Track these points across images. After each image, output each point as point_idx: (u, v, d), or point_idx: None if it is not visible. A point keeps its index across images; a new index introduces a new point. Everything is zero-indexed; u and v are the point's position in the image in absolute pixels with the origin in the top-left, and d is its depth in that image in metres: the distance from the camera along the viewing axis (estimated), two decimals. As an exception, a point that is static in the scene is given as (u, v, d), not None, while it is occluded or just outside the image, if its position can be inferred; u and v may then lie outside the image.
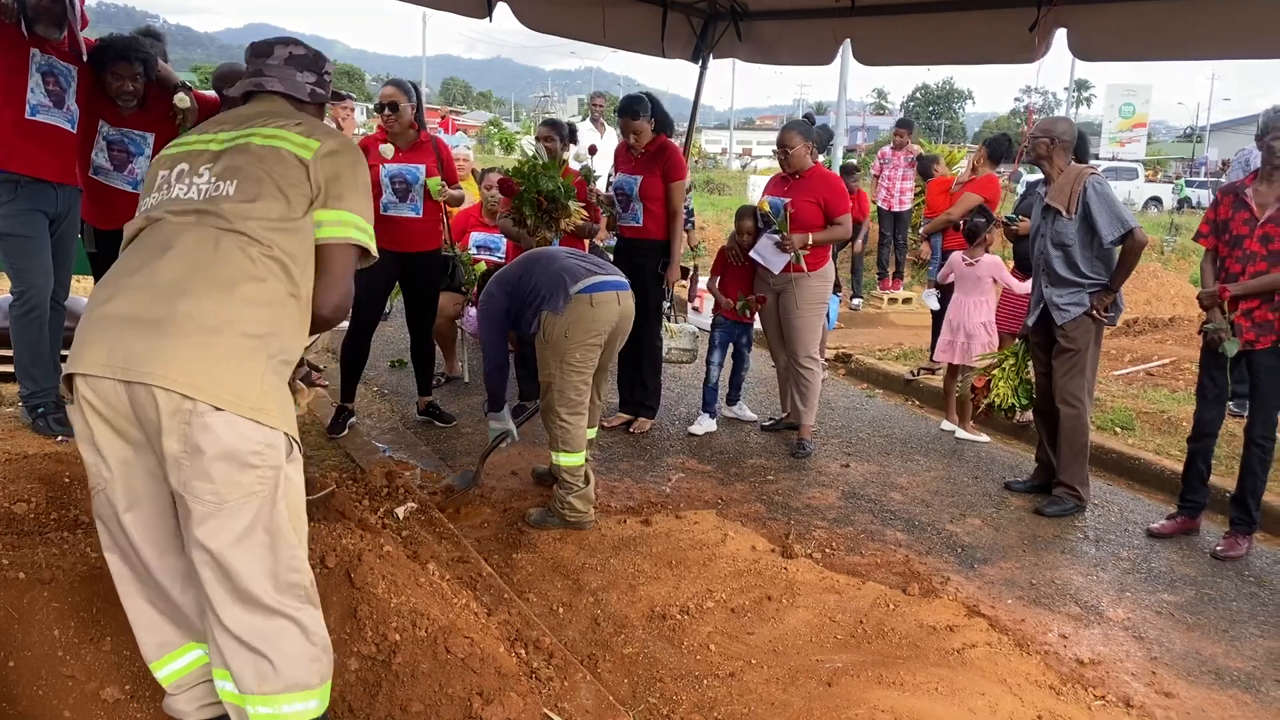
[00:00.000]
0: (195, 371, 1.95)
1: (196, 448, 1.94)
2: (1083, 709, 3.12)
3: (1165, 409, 6.34)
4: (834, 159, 16.09)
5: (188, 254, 2.09)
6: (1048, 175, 4.80)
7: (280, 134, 2.28)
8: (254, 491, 2.00)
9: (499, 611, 3.45)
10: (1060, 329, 4.77)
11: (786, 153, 5.46)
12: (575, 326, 4.07)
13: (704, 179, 26.54)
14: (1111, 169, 32.36)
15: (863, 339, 8.90)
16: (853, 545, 4.36)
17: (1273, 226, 4.26)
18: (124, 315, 2.02)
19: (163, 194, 2.25)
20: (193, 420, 1.93)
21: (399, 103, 5.12)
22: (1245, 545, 4.51)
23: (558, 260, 4.27)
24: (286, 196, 2.20)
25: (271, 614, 2.06)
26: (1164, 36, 4.17)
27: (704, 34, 5.92)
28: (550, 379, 4.16)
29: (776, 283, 5.56)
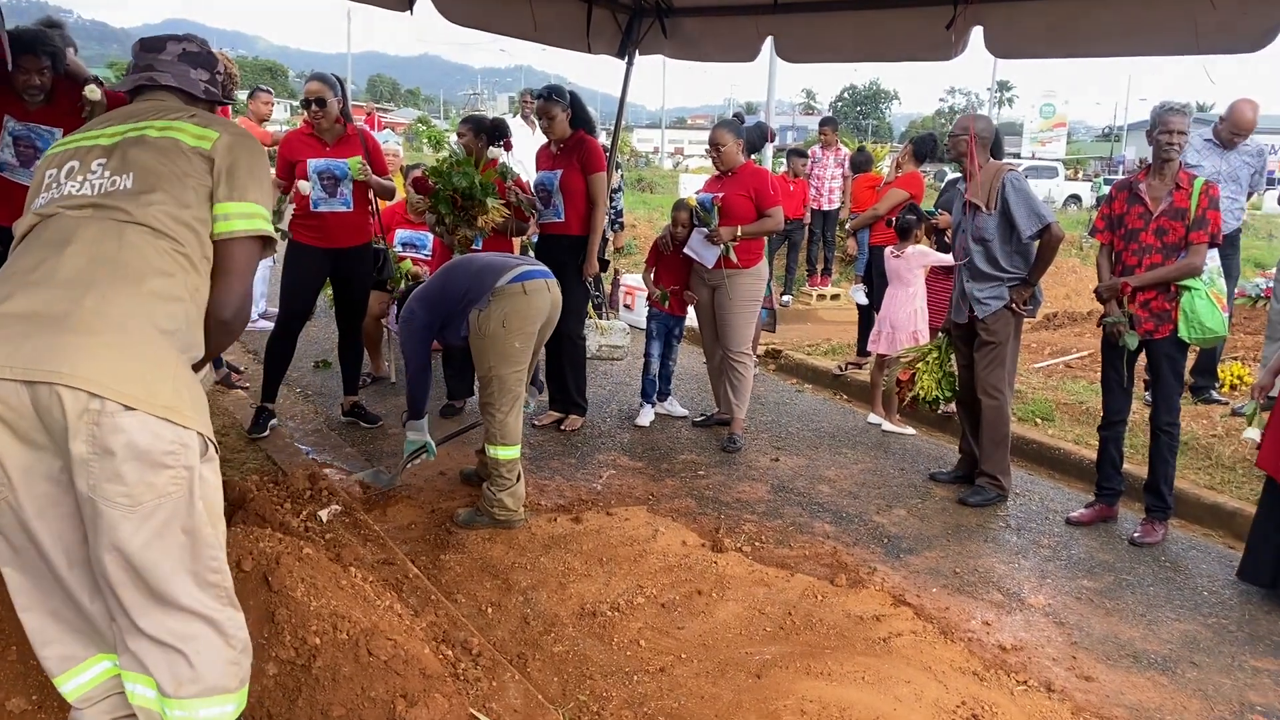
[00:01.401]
0: (104, 369, 1.86)
1: (106, 449, 1.85)
2: (1005, 694, 3.18)
3: (1083, 400, 6.50)
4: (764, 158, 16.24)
5: (89, 247, 2.00)
6: (967, 172, 4.89)
7: (175, 125, 2.18)
8: (168, 492, 1.92)
9: (426, 613, 3.40)
10: (981, 322, 4.87)
11: (719, 151, 5.50)
12: (513, 316, 4.05)
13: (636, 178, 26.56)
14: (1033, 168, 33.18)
15: (792, 335, 8.98)
16: (782, 538, 4.40)
17: (1166, 220, 4.40)
18: (23, 313, 1.91)
19: (53, 193, 2.13)
20: (102, 420, 1.84)
21: (325, 98, 5.07)
22: (1161, 531, 4.65)
23: (474, 262, 4.27)
24: (187, 189, 2.11)
25: (191, 616, 1.99)
26: (1077, 34, 4.27)
27: (629, 30, 5.91)
28: (490, 373, 4.12)
29: (711, 278, 5.59)
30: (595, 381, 6.73)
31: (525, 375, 4.20)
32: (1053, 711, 3.10)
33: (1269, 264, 12.47)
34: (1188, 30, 3.94)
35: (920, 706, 3.02)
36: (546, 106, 5.46)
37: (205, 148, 2.15)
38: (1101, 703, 3.20)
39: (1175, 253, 4.38)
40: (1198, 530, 4.86)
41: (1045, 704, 3.14)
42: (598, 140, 5.69)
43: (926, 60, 4.81)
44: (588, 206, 5.47)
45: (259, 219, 2.20)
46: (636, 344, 6.17)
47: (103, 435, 1.84)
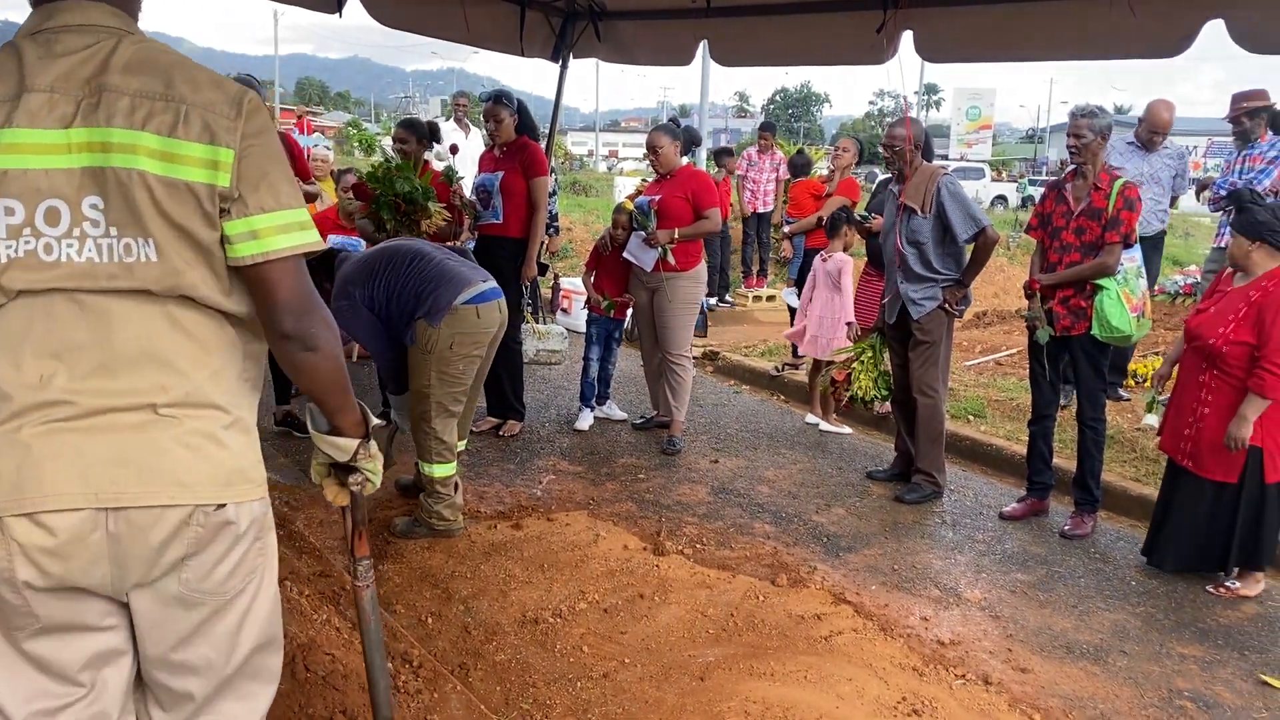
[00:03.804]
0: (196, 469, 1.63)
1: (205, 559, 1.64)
2: (944, 688, 3.23)
3: (1014, 396, 6.64)
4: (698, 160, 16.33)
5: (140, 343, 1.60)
6: (902, 175, 4.97)
7: (175, 150, 1.53)
8: (256, 566, 1.74)
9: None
10: (916, 323, 4.94)
11: (656, 153, 5.51)
12: (462, 339, 3.96)
13: (570, 180, 26.49)
14: (960, 169, 33.92)
15: (729, 336, 9.03)
16: (723, 539, 4.41)
17: (1085, 219, 4.52)
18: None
19: (31, 246, 1.53)
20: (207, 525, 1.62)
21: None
22: (1090, 523, 4.77)
23: (432, 263, 4.03)
24: (206, 247, 1.60)
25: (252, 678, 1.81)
26: (1004, 39, 4.38)
27: (563, 33, 5.90)
28: (427, 389, 4.01)
29: (650, 281, 5.59)
30: (533, 386, 6.69)
31: (464, 396, 4.14)
32: (990, 704, 3.16)
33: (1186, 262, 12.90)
34: (1109, 36, 4.05)
35: (862, 703, 3.06)
36: (495, 110, 5.42)
37: (224, 184, 1.57)
38: (1037, 694, 3.26)
39: (1093, 251, 4.50)
40: (1125, 521, 4.98)
41: (983, 696, 3.20)
42: (540, 147, 5.67)
43: (858, 64, 4.88)
44: (528, 210, 5.45)
45: (296, 229, 1.65)
46: (575, 347, 6.15)
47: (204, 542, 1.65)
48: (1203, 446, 4.04)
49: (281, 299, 1.63)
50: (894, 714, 3.02)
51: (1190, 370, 4.16)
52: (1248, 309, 3.88)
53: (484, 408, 5.86)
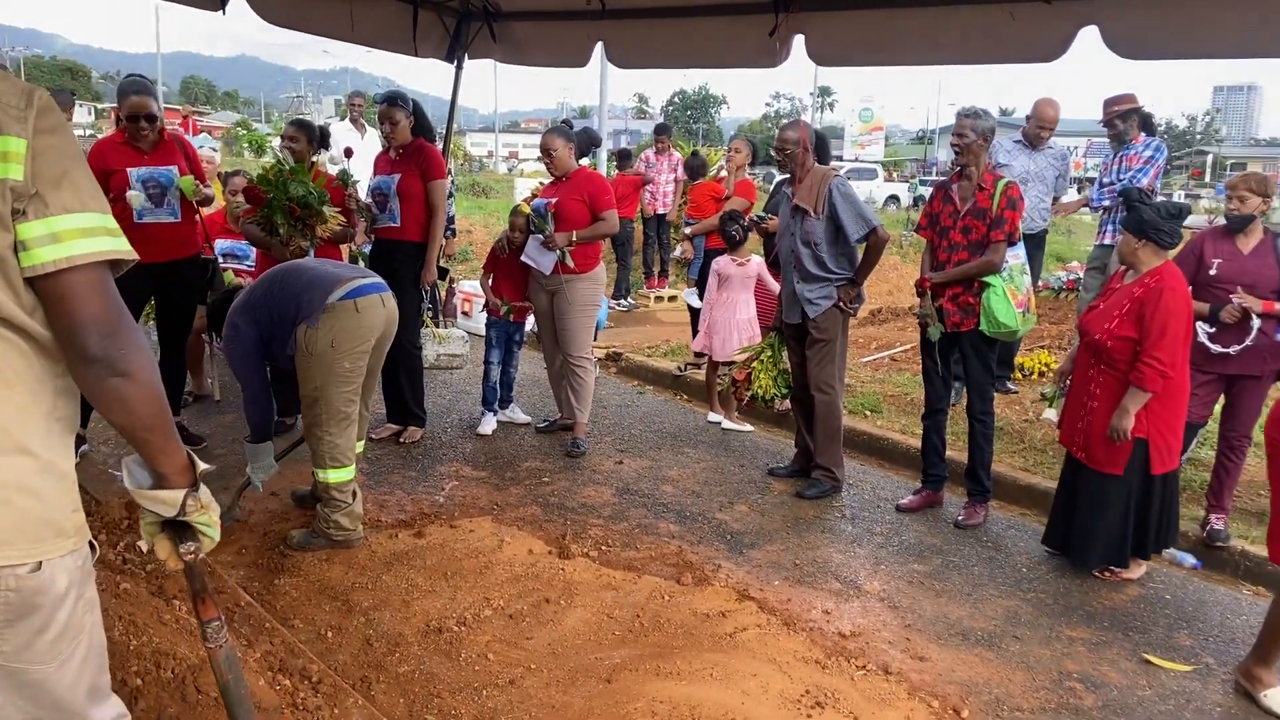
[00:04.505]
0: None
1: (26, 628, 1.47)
2: (846, 680, 3.29)
3: (909, 391, 6.83)
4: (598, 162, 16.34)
5: None
6: (795, 177, 5.05)
7: None
8: (83, 624, 1.58)
9: (260, 642, 3.26)
10: (812, 321, 5.03)
11: (550, 156, 5.48)
12: (343, 335, 3.88)
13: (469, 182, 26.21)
14: (854, 170, 34.73)
15: (632, 337, 9.05)
16: (628, 540, 4.42)
17: (971, 219, 4.67)
18: None
19: None
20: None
21: (154, 113, 4.84)
22: (982, 513, 4.93)
23: (305, 272, 4.03)
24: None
25: None
26: (890, 43, 4.48)
27: (458, 33, 5.82)
28: (316, 393, 3.94)
29: (549, 284, 5.56)
30: (434, 391, 6.60)
31: (356, 395, 4.05)
32: (890, 693, 3.24)
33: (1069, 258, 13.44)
34: (989, 41, 4.20)
35: (767, 698, 3.10)
36: (390, 111, 5.31)
37: (16, 177, 1.41)
38: (935, 681, 3.35)
39: (979, 250, 4.65)
40: (1015, 510, 5.17)
41: (883, 686, 3.28)
42: (438, 148, 5.59)
43: (752, 67, 4.94)
44: (426, 213, 5.36)
45: (102, 234, 1.49)
46: (476, 351, 6.07)
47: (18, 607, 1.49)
48: (1093, 439, 4.19)
49: (86, 314, 1.42)
50: (798, 707, 3.07)
51: (1082, 365, 4.32)
52: (1131, 305, 4.04)
53: (384, 414, 5.75)
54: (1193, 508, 4.90)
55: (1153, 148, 6.27)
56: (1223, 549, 4.57)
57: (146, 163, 4.82)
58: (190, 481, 1.67)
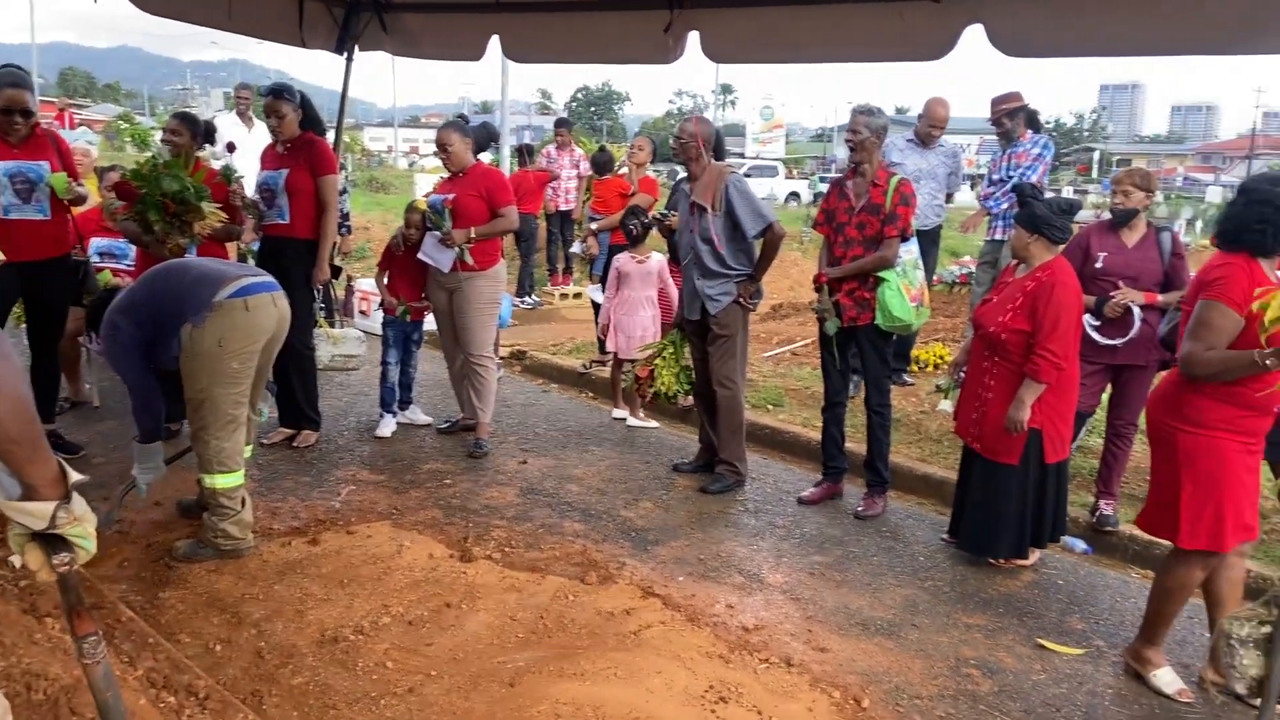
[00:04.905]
0: None
1: None
2: (750, 673, 3.31)
3: (809, 385, 6.91)
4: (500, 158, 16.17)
5: None
6: (693, 174, 5.06)
7: None
8: None
9: (143, 659, 3.11)
10: (713, 318, 5.05)
11: (447, 151, 5.38)
12: (231, 334, 3.72)
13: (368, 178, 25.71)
14: (756, 167, 35.21)
15: (537, 335, 8.98)
16: (532, 541, 4.36)
17: (865, 215, 4.75)
18: None
19: None
20: None
21: (29, 107, 4.59)
22: (881, 504, 5.01)
23: (190, 270, 3.87)
24: None
25: None
26: (783, 41, 4.53)
27: (347, 25, 5.65)
28: (202, 395, 3.77)
29: (448, 282, 5.45)
30: (330, 393, 6.41)
31: (244, 397, 3.90)
32: (793, 685, 3.26)
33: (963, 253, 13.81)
34: (879, 39, 4.27)
35: (671, 695, 3.09)
36: (275, 104, 5.13)
37: None
38: (836, 671, 3.39)
39: (874, 245, 4.73)
40: (913, 500, 5.28)
41: (786, 678, 3.30)
42: (328, 142, 5.42)
43: (648, 63, 4.93)
44: (317, 209, 5.20)
45: None
46: (374, 352, 5.93)
47: None
48: (988, 430, 4.28)
49: None
50: (702, 703, 3.07)
51: (977, 358, 4.40)
52: (1024, 299, 4.13)
53: (276, 418, 5.56)
54: (1082, 494, 5.07)
55: (1040, 145, 6.47)
56: (1112, 534, 4.74)
57: (15, 157, 4.58)
58: (62, 493, 1.61)
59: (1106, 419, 4.92)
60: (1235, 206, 3.26)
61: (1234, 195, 3.34)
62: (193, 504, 4.30)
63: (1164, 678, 3.43)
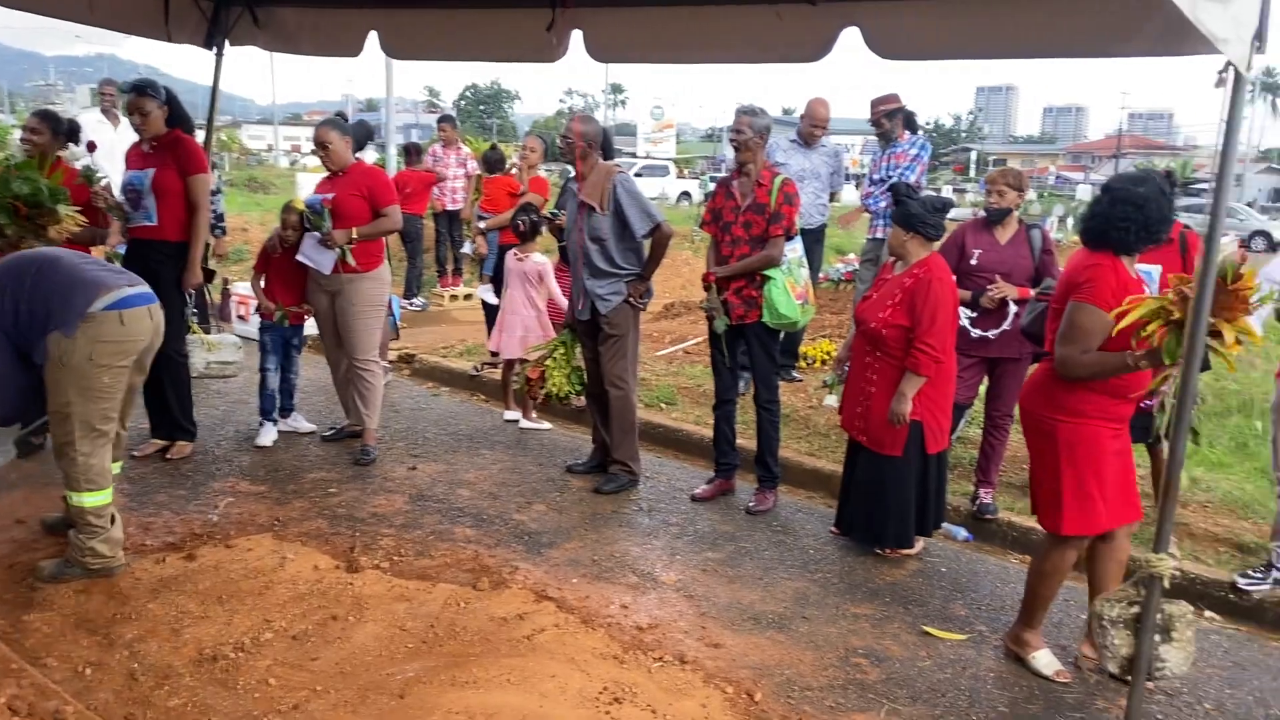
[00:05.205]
0: None
1: None
2: (644, 673, 3.31)
3: (702, 383, 6.96)
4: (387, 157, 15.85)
5: None
6: (580, 173, 5.04)
7: None
8: None
9: (5, 685, 2.94)
10: (604, 317, 5.04)
11: (326, 150, 5.23)
12: (103, 348, 3.53)
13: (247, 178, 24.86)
14: (648, 166, 35.36)
15: (426, 338, 8.82)
16: (422, 549, 4.27)
17: (751, 214, 4.82)
18: None
19: None
20: None
21: None
22: (772, 499, 5.08)
23: (64, 270, 3.60)
24: None
25: None
26: (666, 41, 4.54)
27: (216, 19, 5.44)
28: (68, 409, 3.55)
29: (329, 284, 5.30)
30: (206, 402, 6.17)
31: (115, 412, 3.70)
32: (687, 682, 3.28)
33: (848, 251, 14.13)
34: (759, 41, 4.32)
35: (565, 699, 3.07)
36: (139, 102, 4.89)
37: None
38: (729, 667, 3.42)
39: (760, 244, 4.79)
40: (803, 494, 5.37)
41: (680, 676, 3.32)
42: (196, 140, 5.20)
43: (531, 61, 4.88)
44: (187, 210, 4.99)
45: None
46: (253, 358, 5.72)
47: None
48: (873, 423, 4.39)
49: None
50: (596, 705, 3.05)
51: (859, 353, 4.51)
52: (903, 295, 4.26)
53: (148, 429, 5.32)
54: (963, 484, 5.23)
55: (918, 145, 6.66)
56: (991, 521, 4.90)
57: None
58: None
59: (984, 411, 5.09)
60: (1100, 205, 3.39)
61: (1099, 194, 3.47)
62: (59, 521, 4.08)
63: (1042, 659, 3.56)
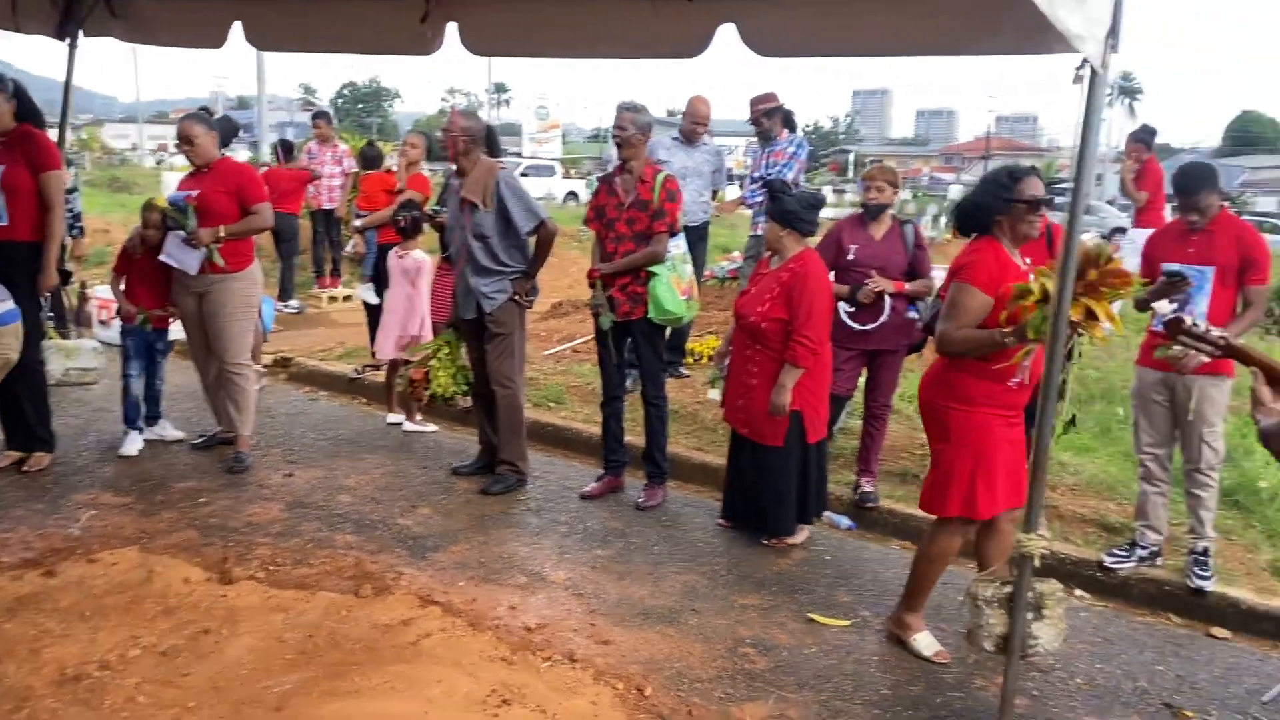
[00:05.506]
0: None
1: None
2: (533, 673, 3.28)
3: (590, 381, 6.93)
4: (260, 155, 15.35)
5: None
6: (462, 169, 4.95)
7: None
8: None
9: None
10: (489, 316, 4.97)
11: (191, 144, 5.01)
12: None
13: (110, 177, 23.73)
14: (533, 166, 35.14)
15: (304, 341, 8.55)
16: (300, 557, 4.14)
17: (634, 211, 4.83)
18: None
19: None
20: None
21: None
22: (661, 494, 5.10)
23: None
24: None
25: None
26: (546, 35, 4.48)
27: (69, 8, 5.13)
28: None
29: (196, 285, 5.07)
30: (66, 410, 5.81)
31: None
32: (577, 681, 3.26)
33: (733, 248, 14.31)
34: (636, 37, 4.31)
35: (452, 703, 3.02)
36: None
37: None
38: (619, 663, 3.41)
39: (644, 241, 4.81)
40: (691, 488, 5.39)
41: (570, 674, 3.30)
42: (50, 136, 4.92)
43: (406, 54, 4.76)
44: (40, 209, 4.71)
45: None
46: (115, 364, 5.45)
47: None
48: (755, 415, 4.46)
49: None
50: (484, 708, 3.01)
51: (740, 347, 4.58)
52: (780, 289, 4.35)
53: (2, 440, 5.00)
54: (845, 474, 5.34)
55: (795, 144, 6.78)
56: (873, 509, 5.02)
57: None
58: None
59: (864, 402, 5.20)
60: (974, 195, 3.56)
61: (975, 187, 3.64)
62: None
63: (922, 641, 3.66)
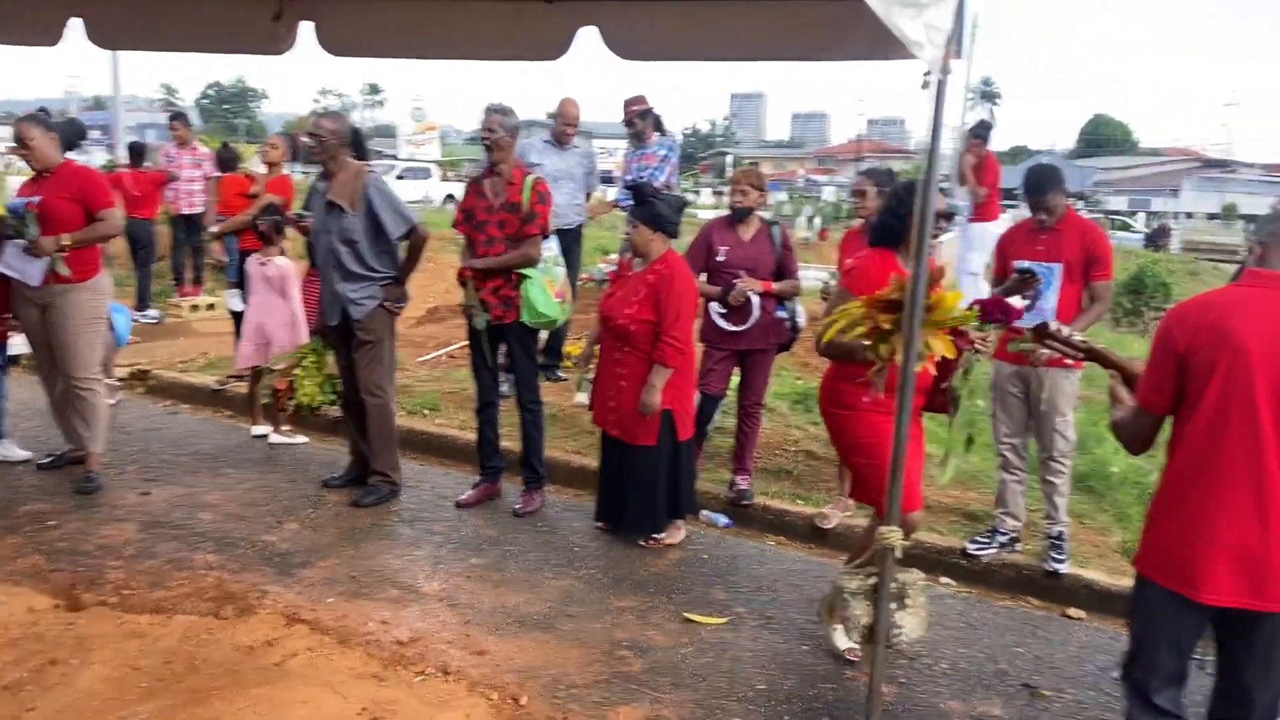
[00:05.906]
0: None
1: None
2: (405, 688, 3.21)
3: (466, 387, 6.79)
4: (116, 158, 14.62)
5: None
6: (329, 172, 4.81)
7: None
8: None
9: None
10: (357, 322, 4.84)
11: (28, 147, 4.72)
12: None
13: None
14: (409, 169, 34.48)
15: (163, 352, 8.17)
16: (157, 580, 3.95)
17: (505, 213, 4.78)
18: None
19: None
20: None
21: None
22: (539, 499, 5.06)
23: None
24: None
25: None
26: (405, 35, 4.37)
27: (-116, 1, 4.76)
28: None
29: (39, 297, 4.78)
30: (-103, 433, 5.43)
31: None
32: (450, 693, 3.20)
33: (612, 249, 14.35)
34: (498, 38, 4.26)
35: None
36: None
37: None
38: (494, 673, 3.36)
39: (516, 243, 4.77)
40: (570, 492, 5.37)
41: (443, 687, 3.24)
42: None
43: (257, 53, 4.59)
44: None
45: None
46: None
47: None
48: (626, 415, 4.47)
49: None
50: (354, 727, 2.91)
51: (608, 349, 4.59)
52: (647, 291, 4.39)
53: None
54: (721, 472, 5.40)
55: (666, 146, 6.85)
56: (748, 506, 5.09)
57: None
58: None
59: (737, 401, 5.27)
60: (884, 215, 3.66)
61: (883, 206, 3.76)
62: None
63: (839, 635, 3.63)
